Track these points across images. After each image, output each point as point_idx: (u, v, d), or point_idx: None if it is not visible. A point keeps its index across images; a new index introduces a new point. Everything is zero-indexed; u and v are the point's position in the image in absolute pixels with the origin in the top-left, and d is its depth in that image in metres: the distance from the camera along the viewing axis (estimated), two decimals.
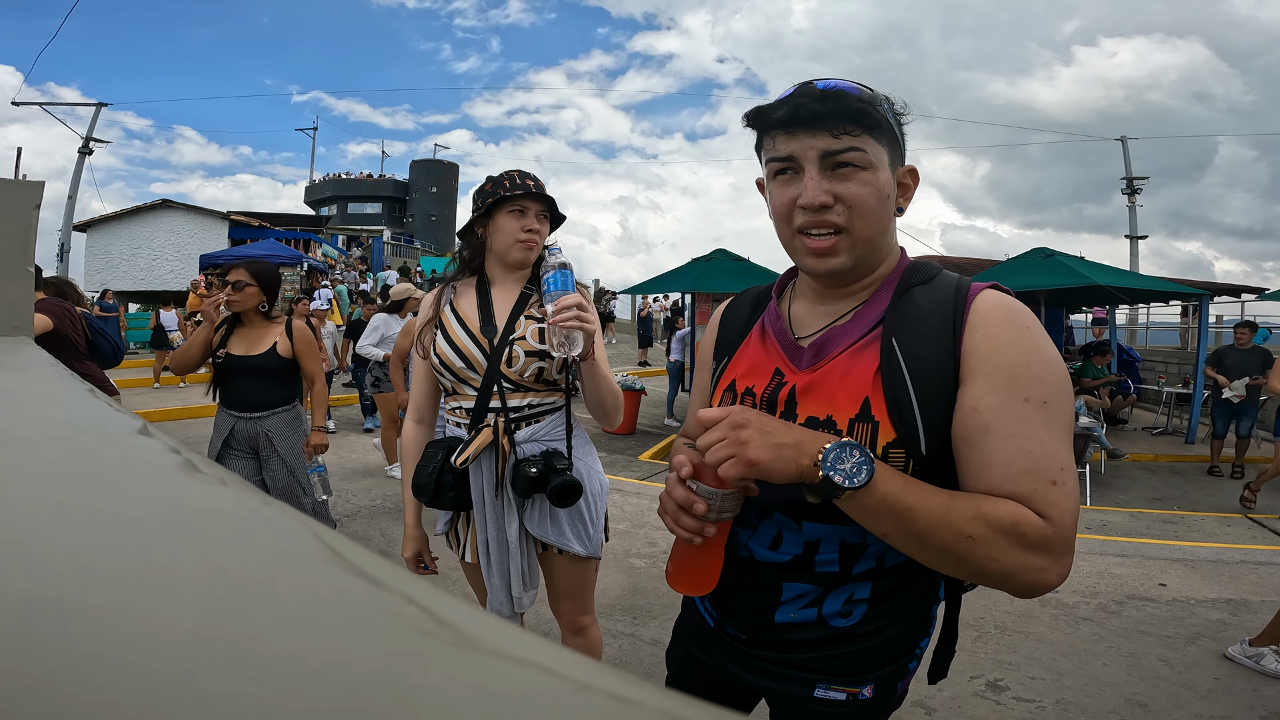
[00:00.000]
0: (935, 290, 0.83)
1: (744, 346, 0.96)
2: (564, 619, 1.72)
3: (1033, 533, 0.71)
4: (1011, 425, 0.74)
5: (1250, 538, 4.32)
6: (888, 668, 0.91)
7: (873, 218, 0.81)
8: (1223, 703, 2.26)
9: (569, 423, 1.60)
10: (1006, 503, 0.72)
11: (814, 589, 0.88)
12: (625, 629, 2.71)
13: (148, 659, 0.15)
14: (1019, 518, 0.71)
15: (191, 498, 0.28)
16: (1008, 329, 0.78)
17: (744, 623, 0.95)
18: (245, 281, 2.68)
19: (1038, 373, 0.75)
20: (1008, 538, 0.71)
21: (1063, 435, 0.75)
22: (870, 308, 0.85)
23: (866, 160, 0.79)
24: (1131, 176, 17.72)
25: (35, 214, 1.70)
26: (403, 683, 0.14)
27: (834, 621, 0.88)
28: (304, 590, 0.19)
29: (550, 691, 0.15)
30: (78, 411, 0.46)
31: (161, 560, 0.21)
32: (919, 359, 0.79)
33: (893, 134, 0.83)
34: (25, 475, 0.29)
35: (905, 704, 2.31)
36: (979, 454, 0.75)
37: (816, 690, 0.91)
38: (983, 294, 0.82)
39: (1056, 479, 0.72)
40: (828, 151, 0.79)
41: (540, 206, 1.58)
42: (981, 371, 0.76)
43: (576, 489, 1.50)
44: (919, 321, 0.81)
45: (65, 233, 16.74)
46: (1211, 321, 9.98)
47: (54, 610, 0.17)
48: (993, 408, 0.75)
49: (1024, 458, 0.73)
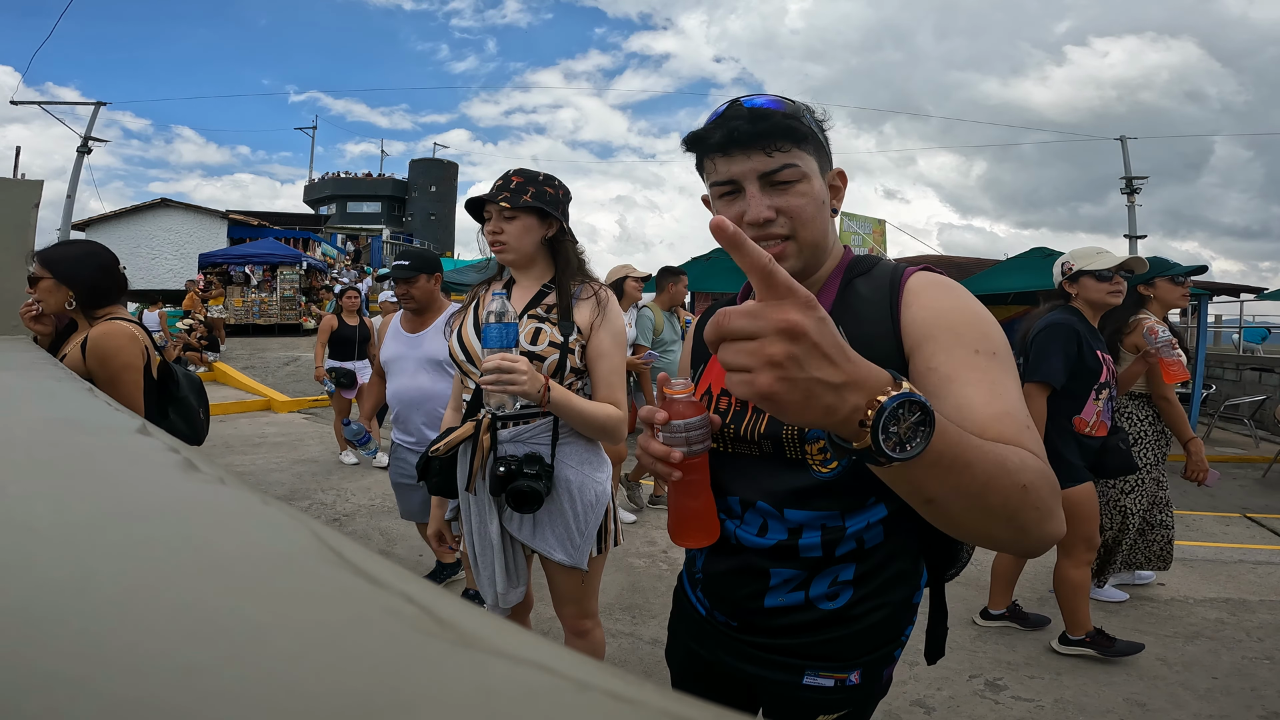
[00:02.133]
0: (874, 278, 0.90)
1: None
2: (565, 622, 1.73)
3: (1052, 479, 0.69)
4: (973, 372, 0.76)
5: (1249, 537, 4.33)
6: (874, 653, 0.94)
7: (814, 224, 0.87)
8: (1221, 702, 2.27)
9: (555, 429, 1.58)
10: (1024, 452, 0.68)
11: (800, 573, 0.91)
12: (625, 628, 2.71)
13: (148, 658, 0.15)
14: (1042, 466, 0.68)
15: (191, 497, 0.28)
16: (942, 297, 0.83)
17: (735, 609, 0.98)
18: (39, 275, 1.87)
19: (981, 329, 0.79)
20: (1046, 481, 0.68)
21: (1019, 384, 0.78)
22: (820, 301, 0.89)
23: (800, 173, 0.85)
24: (1131, 176, 17.72)
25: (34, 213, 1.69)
26: (403, 682, 0.14)
27: (822, 604, 0.91)
28: (304, 590, 0.19)
29: (550, 691, 0.15)
30: (78, 411, 0.46)
31: (161, 559, 0.21)
32: (864, 338, 0.82)
33: (818, 142, 0.89)
34: (25, 475, 0.29)
35: (905, 703, 2.31)
36: (952, 401, 0.74)
37: (805, 677, 0.94)
38: (915, 274, 0.88)
39: (1028, 424, 0.73)
40: (765, 172, 0.85)
41: (495, 207, 1.58)
42: (926, 336, 0.80)
43: (534, 497, 1.48)
44: (862, 307, 0.87)
45: (64, 231, 16.70)
46: (1210, 321, 9.98)
47: (54, 609, 0.17)
48: (948, 361, 0.77)
49: (998, 399, 0.73)
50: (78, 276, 1.85)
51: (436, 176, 40.09)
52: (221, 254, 15.45)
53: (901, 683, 2.36)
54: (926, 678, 2.39)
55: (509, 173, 1.63)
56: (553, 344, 1.54)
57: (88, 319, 1.88)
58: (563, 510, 1.58)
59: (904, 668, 2.45)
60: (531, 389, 1.36)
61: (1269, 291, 9.67)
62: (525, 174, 1.62)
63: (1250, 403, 8.31)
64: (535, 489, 1.48)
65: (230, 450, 5.85)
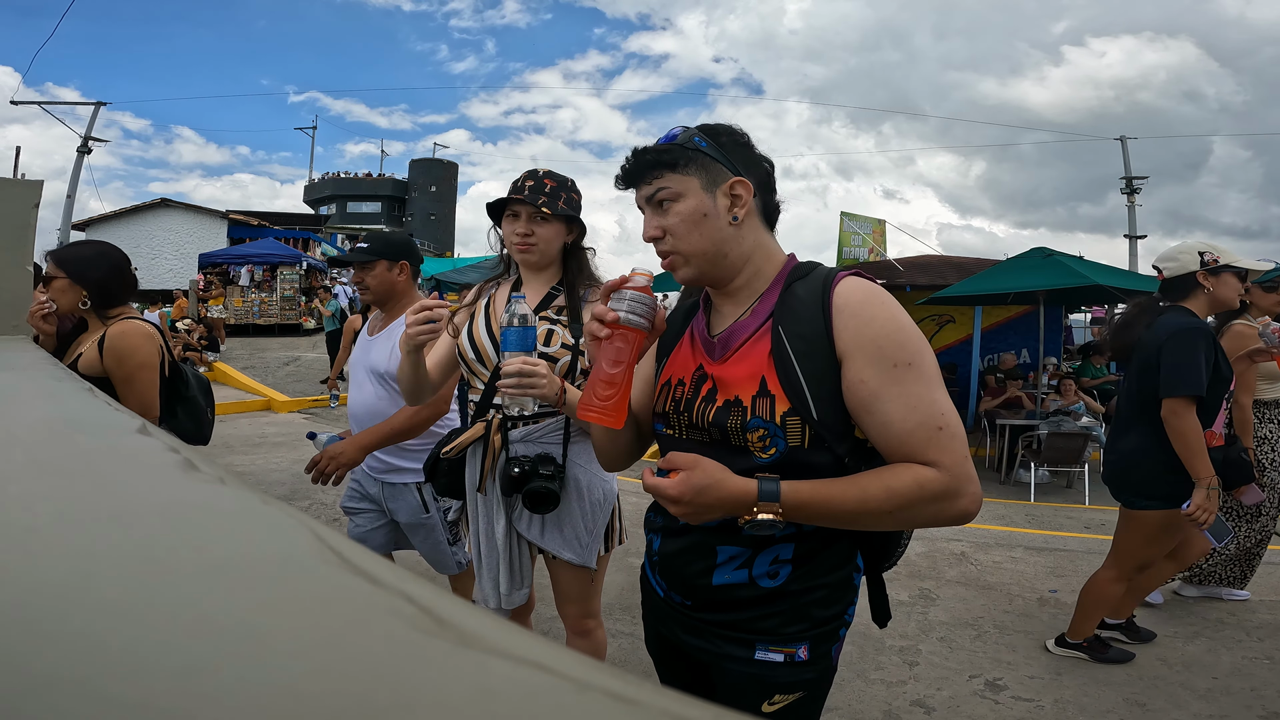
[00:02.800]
0: (809, 282, 0.99)
1: (677, 349, 1.12)
2: (568, 621, 1.73)
3: (935, 486, 0.89)
4: (894, 387, 0.90)
5: None
6: (819, 629, 1.02)
7: (691, 236, 0.99)
8: (1221, 702, 2.27)
9: (567, 429, 1.59)
10: (907, 470, 0.90)
11: (744, 551, 1.01)
12: (625, 628, 2.71)
13: (148, 658, 0.15)
14: (921, 479, 0.89)
15: (191, 496, 0.28)
16: (863, 309, 0.94)
17: (688, 588, 1.07)
18: (53, 274, 1.88)
19: (898, 339, 0.92)
20: (919, 499, 0.89)
21: (933, 384, 0.92)
22: (763, 303, 1.02)
23: (674, 194, 0.99)
24: (1131, 176, 17.72)
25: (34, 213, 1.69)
26: (403, 682, 0.14)
27: (762, 582, 1.01)
28: (304, 590, 0.19)
29: (550, 691, 0.15)
30: (77, 411, 0.46)
31: (161, 559, 0.21)
32: (800, 338, 0.95)
33: (705, 161, 0.99)
34: (25, 474, 0.29)
35: (905, 703, 2.31)
36: (878, 417, 0.91)
37: (757, 652, 1.02)
38: (843, 281, 0.97)
39: (941, 424, 0.90)
40: (647, 197, 1.02)
41: (531, 209, 1.57)
42: (855, 347, 0.92)
43: (550, 497, 1.49)
44: (800, 309, 0.97)
45: (64, 231, 16.70)
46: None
47: (54, 609, 0.17)
48: (875, 377, 0.91)
49: (912, 412, 0.90)
50: (91, 276, 1.86)
51: (437, 176, 40.07)
52: (221, 254, 15.44)
53: (901, 683, 2.36)
54: (926, 678, 2.39)
55: (539, 174, 1.61)
56: (565, 346, 1.55)
57: (101, 319, 1.88)
58: (572, 509, 1.59)
59: (904, 668, 2.45)
60: (550, 392, 1.37)
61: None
62: (556, 178, 1.62)
63: None
64: (552, 490, 1.49)
65: (230, 450, 5.85)
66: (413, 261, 2.15)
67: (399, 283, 2.10)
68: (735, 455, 0.97)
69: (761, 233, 1.04)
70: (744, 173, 1.00)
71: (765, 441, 0.95)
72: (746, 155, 1.02)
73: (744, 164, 1.01)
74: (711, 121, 1.05)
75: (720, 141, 1.01)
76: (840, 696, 2.24)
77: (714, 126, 1.03)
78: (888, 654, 2.55)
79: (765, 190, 1.04)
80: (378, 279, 2.08)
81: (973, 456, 0.94)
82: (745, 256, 1.02)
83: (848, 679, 2.34)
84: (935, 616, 2.89)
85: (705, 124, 1.03)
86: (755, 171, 1.02)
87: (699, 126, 1.02)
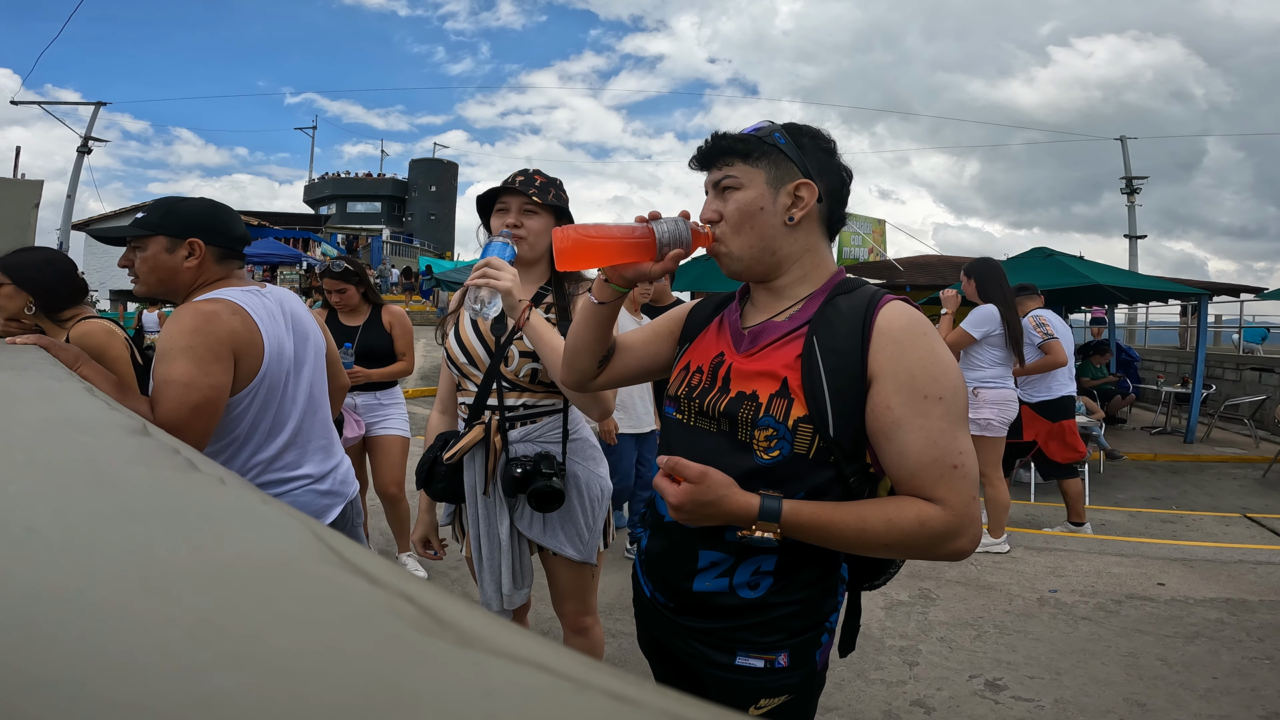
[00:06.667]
0: (854, 299, 0.98)
1: (702, 336, 1.12)
2: (566, 619, 1.73)
3: (937, 525, 0.88)
4: (919, 418, 0.89)
5: (1249, 537, 4.33)
6: (799, 637, 1.01)
7: (743, 226, 0.99)
8: (1221, 702, 2.26)
9: (565, 427, 1.59)
10: (911, 505, 0.89)
11: (727, 558, 1.00)
12: (624, 628, 2.71)
13: (148, 658, 0.15)
14: (924, 516, 0.88)
15: (191, 496, 0.28)
16: (907, 336, 0.92)
17: (671, 591, 1.07)
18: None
19: (933, 372, 0.90)
20: (918, 536, 0.89)
21: (959, 423, 0.91)
22: (804, 310, 1.01)
23: (738, 183, 1.00)
24: (1130, 176, 17.72)
25: (34, 213, 1.69)
26: (403, 682, 0.14)
27: (742, 592, 1.00)
28: (304, 589, 0.19)
29: (550, 690, 0.15)
30: (78, 411, 0.46)
31: (161, 559, 0.21)
32: (833, 352, 0.94)
33: (778, 156, 0.99)
34: (25, 474, 0.29)
35: (905, 703, 2.31)
36: (896, 445, 0.90)
37: (738, 658, 1.02)
38: (889, 305, 0.96)
39: (956, 463, 0.90)
40: (715, 182, 1.02)
41: (520, 200, 1.58)
42: (889, 372, 0.91)
43: (556, 496, 1.49)
44: (838, 323, 0.96)
45: (64, 232, 16.71)
46: (1210, 321, 9.97)
47: (54, 608, 0.17)
48: (901, 405, 0.90)
49: (930, 446, 0.89)
50: (37, 281, 1.85)
51: (437, 176, 40.10)
52: None
53: (901, 683, 2.36)
54: (926, 678, 2.39)
55: (529, 170, 1.63)
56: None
57: (55, 323, 1.88)
58: (572, 506, 1.59)
59: (904, 668, 2.45)
60: (515, 292, 1.37)
61: (1269, 291, 9.65)
62: (545, 176, 1.63)
63: (1250, 403, 8.31)
64: (558, 488, 1.49)
65: None
66: (210, 239, 1.41)
67: (183, 270, 1.40)
68: (737, 451, 0.96)
69: (818, 239, 1.03)
70: (815, 177, 0.99)
71: (771, 442, 0.94)
72: (823, 161, 1.01)
73: (818, 169, 1.00)
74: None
75: (800, 142, 1.00)
76: (840, 696, 2.24)
77: (799, 126, 1.03)
78: (888, 654, 2.55)
79: (833, 200, 1.03)
80: (147, 261, 1.40)
81: None
82: (793, 258, 1.02)
83: (848, 679, 2.35)
84: (935, 616, 2.89)
85: (792, 123, 1.03)
86: (828, 178, 1.01)
87: (785, 124, 1.02)
